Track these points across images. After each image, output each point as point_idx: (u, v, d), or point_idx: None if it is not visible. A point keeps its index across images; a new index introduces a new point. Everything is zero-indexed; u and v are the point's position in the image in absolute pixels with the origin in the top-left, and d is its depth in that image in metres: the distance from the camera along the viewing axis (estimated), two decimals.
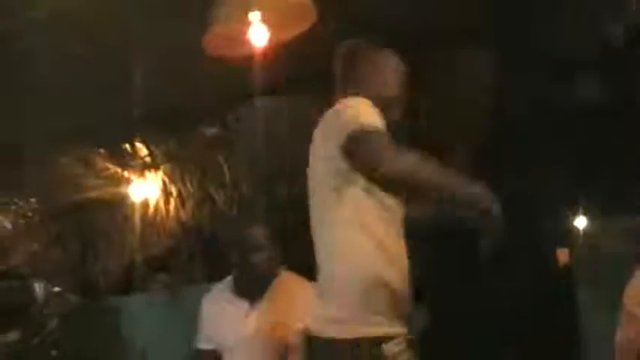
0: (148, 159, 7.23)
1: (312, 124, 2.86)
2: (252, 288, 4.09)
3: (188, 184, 7.19)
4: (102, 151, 7.18)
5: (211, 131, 7.02)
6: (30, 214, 7.60)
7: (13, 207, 7.53)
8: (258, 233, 4.08)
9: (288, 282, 4.16)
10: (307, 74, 5.65)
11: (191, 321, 4.65)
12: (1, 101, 5.82)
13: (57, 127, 6.42)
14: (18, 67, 5.38)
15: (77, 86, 5.75)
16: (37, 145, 6.70)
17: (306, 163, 2.92)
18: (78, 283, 7.62)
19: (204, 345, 4.31)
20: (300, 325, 3.97)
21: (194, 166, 7.19)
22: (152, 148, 7.13)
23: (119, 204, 7.60)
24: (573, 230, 6.45)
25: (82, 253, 7.93)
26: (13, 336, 5.61)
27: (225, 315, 4.18)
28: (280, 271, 4.16)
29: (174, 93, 6.18)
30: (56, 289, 6.47)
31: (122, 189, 7.47)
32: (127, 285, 7.78)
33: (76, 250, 7.96)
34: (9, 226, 7.48)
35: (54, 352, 6.05)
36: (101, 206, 7.70)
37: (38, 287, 6.35)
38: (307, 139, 2.88)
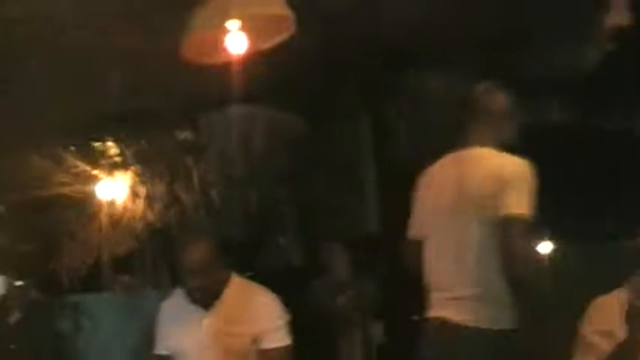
0: (118, 159, 7.22)
1: (282, 133, 2.92)
2: (204, 296, 4.13)
3: (157, 186, 7.19)
4: (72, 148, 7.16)
5: (182, 134, 7.03)
6: None
7: None
8: (195, 255, 4.10)
9: (241, 288, 4.20)
10: (281, 84, 5.70)
11: (150, 325, 4.68)
12: None
13: (28, 124, 6.41)
14: None
15: (51, 83, 5.74)
16: (7, 141, 6.67)
17: (275, 170, 2.99)
18: (41, 278, 7.58)
19: (160, 350, 4.35)
20: (253, 331, 4.04)
21: (163, 169, 7.19)
22: (123, 148, 7.11)
23: (87, 202, 7.57)
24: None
25: (47, 249, 7.90)
26: None
27: (180, 321, 4.22)
28: (232, 277, 4.20)
29: (148, 94, 6.18)
30: (18, 282, 6.44)
31: (90, 187, 7.45)
32: (89, 283, 7.76)
33: (40, 246, 7.92)
34: None
35: (12, 346, 6.02)
36: (68, 203, 7.67)
37: (1, 280, 6.32)
38: (274, 149, 2.93)
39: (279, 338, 4.08)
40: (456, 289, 3.70)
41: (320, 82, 5.98)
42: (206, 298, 4.12)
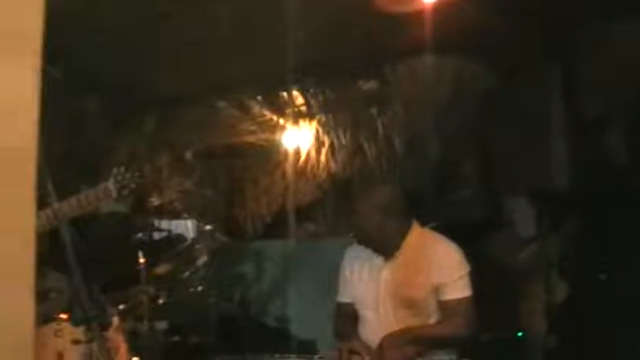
0: (303, 108, 7.29)
1: (470, 84, 2.85)
2: (384, 246, 4.11)
3: (341, 136, 7.22)
4: (259, 97, 7.27)
5: (367, 84, 7.01)
6: (186, 154, 7.78)
7: (169, 147, 7.73)
8: (376, 205, 4.09)
9: (422, 238, 4.16)
10: (471, 34, 5.59)
11: (331, 273, 4.72)
12: (168, 53, 5.97)
13: (218, 75, 6.55)
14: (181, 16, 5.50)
15: (239, 36, 5.83)
16: (198, 91, 6.86)
17: (461, 122, 2.93)
18: (225, 223, 7.79)
19: (342, 298, 4.38)
20: (433, 281, 4.00)
21: (348, 118, 7.21)
22: (308, 97, 7.17)
23: (271, 151, 7.71)
24: None
25: (231, 195, 8.10)
26: (163, 269, 5.80)
27: (361, 270, 4.23)
28: (414, 227, 4.16)
29: (335, 45, 6.19)
30: (207, 227, 6.63)
31: (276, 136, 7.57)
32: (272, 230, 7.91)
33: (225, 192, 8.13)
34: (165, 164, 7.69)
35: (200, 288, 6.22)
36: (254, 151, 7.83)
37: (191, 224, 6.52)
38: (461, 101, 2.87)
39: (460, 289, 4.02)
40: None
41: (510, 33, 5.81)
42: (386, 247, 4.11)
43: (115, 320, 3.28)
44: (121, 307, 4.79)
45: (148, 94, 6.86)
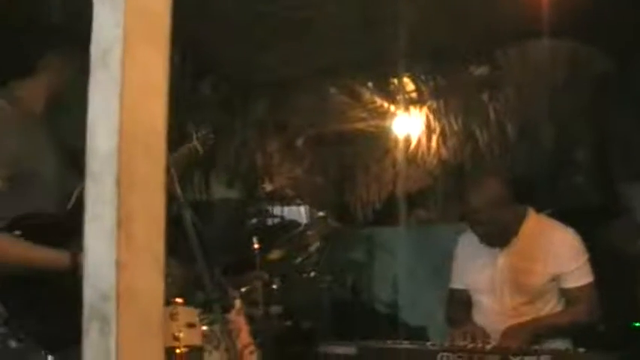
0: (414, 94, 7.26)
1: (585, 68, 2.80)
2: (499, 234, 4.09)
3: (452, 122, 7.17)
4: (370, 84, 7.28)
5: (479, 70, 6.94)
6: (297, 140, 7.85)
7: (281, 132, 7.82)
8: (488, 192, 4.03)
9: (539, 225, 4.12)
10: (585, 16, 5.47)
11: (442, 259, 4.72)
12: (281, 38, 6.03)
13: (329, 61, 6.59)
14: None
15: (350, 22, 5.85)
16: (309, 77, 6.90)
17: (576, 106, 2.89)
18: (335, 209, 7.84)
19: (456, 284, 4.39)
20: (553, 269, 3.95)
21: (459, 104, 7.16)
22: (419, 83, 7.14)
23: (382, 137, 7.72)
24: None
25: (341, 182, 8.15)
26: (276, 254, 5.87)
27: (476, 257, 4.23)
28: (530, 214, 4.12)
29: (446, 30, 6.15)
30: (320, 213, 6.69)
31: (386, 122, 7.57)
32: (381, 216, 7.93)
33: (335, 179, 8.19)
34: (276, 150, 7.78)
35: (313, 274, 6.28)
36: (364, 137, 7.86)
37: (304, 210, 6.59)
38: (575, 85, 2.82)
39: (581, 276, 3.97)
40: None
41: (626, 15, 5.67)
42: (501, 235, 4.09)
43: (237, 303, 3.33)
44: (243, 289, 4.88)
45: (260, 79, 6.94)
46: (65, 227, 2.82)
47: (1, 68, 3.08)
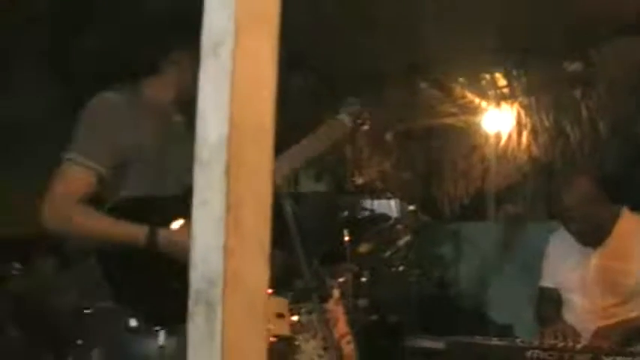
0: (505, 90, 7.22)
1: None
2: (590, 234, 4.05)
3: (543, 119, 7.10)
4: (461, 79, 7.26)
5: (571, 66, 6.86)
6: (386, 134, 7.85)
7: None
8: (578, 191, 3.99)
9: (633, 225, 4.07)
10: None
11: (530, 256, 4.69)
12: (372, 32, 6.05)
13: (420, 55, 6.59)
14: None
15: (444, 16, 5.84)
16: (400, 70, 6.91)
17: None
18: (423, 203, 7.83)
19: (546, 282, 4.35)
20: None
21: (551, 101, 7.08)
22: (511, 79, 7.09)
23: (471, 133, 7.68)
24: None
25: (429, 177, 8.14)
26: (365, 247, 5.90)
27: (568, 256, 4.19)
28: (624, 213, 4.07)
29: (539, 26, 6.10)
30: (411, 207, 6.70)
31: (476, 118, 7.54)
32: (469, 211, 7.90)
33: (423, 173, 8.18)
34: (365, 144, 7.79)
35: (401, 268, 6.30)
36: (453, 132, 7.84)
37: (395, 204, 6.60)
38: None
39: None
40: None
41: None
42: (594, 233, 4.05)
43: (335, 293, 3.37)
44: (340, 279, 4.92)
45: (351, 72, 6.98)
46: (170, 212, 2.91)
47: (129, 66, 3.19)
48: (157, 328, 2.80)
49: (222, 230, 1.34)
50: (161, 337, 2.77)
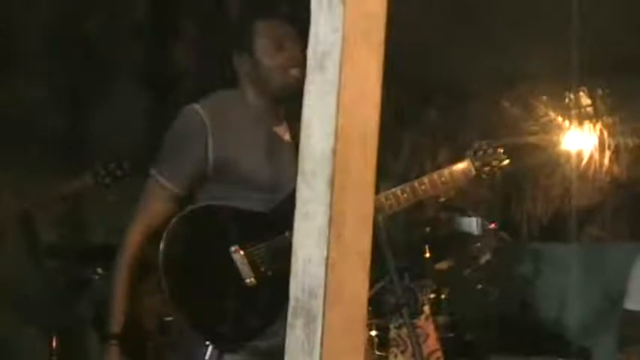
0: (589, 109, 7.12)
1: None
2: None
3: (627, 138, 6.99)
4: (544, 97, 7.19)
5: None
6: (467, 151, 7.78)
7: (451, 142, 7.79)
8: None
9: None
10: None
11: (613, 278, 4.61)
12: (456, 48, 6.05)
13: (503, 72, 6.55)
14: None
15: (527, 34, 5.81)
16: (483, 87, 6.87)
17: None
18: (503, 222, 7.75)
19: (632, 305, 4.28)
20: None
21: (634, 120, 6.97)
22: (595, 97, 6.99)
23: (553, 151, 7.59)
24: None
25: (509, 195, 8.05)
26: (445, 264, 5.87)
27: None
28: None
29: (625, 43, 6.02)
30: (492, 225, 6.64)
31: (558, 137, 7.45)
32: (549, 231, 7.79)
33: (502, 191, 8.09)
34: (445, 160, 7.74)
35: (479, 286, 6.25)
36: (534, 151, 7.74)
37: (476, 222, 6.55)
38: None
39: None
40: None
41: None
42: None
43: (426, 309, 3.36)
44: (432, 295, 4.89)
45: (432, 87, 6.96)
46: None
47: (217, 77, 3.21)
48: (207, 342, 2.80)
49: (324, 242, 1.35)
50: (208, 352, 2.78)
